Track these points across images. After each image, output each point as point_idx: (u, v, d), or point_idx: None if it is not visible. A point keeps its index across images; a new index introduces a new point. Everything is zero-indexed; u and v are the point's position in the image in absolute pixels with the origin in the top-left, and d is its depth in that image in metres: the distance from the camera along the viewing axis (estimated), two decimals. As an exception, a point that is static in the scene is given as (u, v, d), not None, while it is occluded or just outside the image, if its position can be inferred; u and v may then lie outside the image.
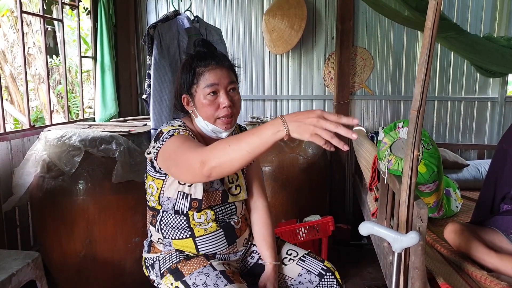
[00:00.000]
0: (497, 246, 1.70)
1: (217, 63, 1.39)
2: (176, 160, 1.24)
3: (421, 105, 1.22)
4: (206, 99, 1.37)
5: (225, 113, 1.37)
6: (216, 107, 1.38)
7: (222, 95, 1.38)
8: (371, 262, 3.05)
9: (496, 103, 3.51)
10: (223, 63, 1.41)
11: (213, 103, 1.37)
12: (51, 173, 2.25)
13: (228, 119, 1.39)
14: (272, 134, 1.02)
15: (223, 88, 1.38)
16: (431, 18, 1.15)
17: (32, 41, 5.84)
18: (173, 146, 1.28)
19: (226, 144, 1.08)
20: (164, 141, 1.31)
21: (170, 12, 2.66)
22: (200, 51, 1.42)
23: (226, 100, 1.37)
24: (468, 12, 3.43)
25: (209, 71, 1.37)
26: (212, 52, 1.42)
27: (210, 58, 1.39)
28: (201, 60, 1.39)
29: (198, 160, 1.12)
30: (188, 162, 1.17)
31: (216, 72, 1.38)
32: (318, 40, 3.64)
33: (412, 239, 1.16)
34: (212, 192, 1.44)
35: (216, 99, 1.38)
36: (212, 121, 1.39)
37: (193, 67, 1.39)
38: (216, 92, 1.38)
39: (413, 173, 1.28)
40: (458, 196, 2.40)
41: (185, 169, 1.19)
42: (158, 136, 1.36)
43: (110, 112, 3.55)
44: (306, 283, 1.50)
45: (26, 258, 1.79)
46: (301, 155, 3.06)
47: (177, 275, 1.37)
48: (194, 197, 1.41)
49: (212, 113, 1.38)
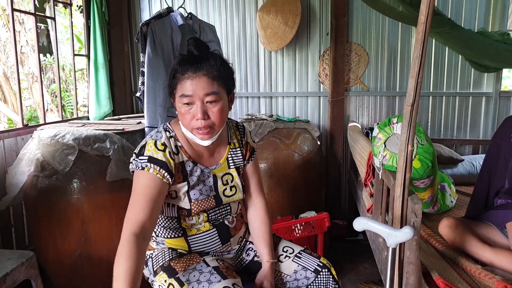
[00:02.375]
0: (492, 240, 1.71)
1: (195, 71, 1.29)
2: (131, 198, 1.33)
3: (415, 100, 1.22)
4: (182, 108, 1.33)
5: (198, 126, 1.32)
6: (191, 117, 1.32)
7: (196, 107, 1.31)
8: (366, 257, 3.06)
9: (491, 98, 3.52)
10: (203, 71, 1.30)
11: (188, 113, 1.32)
12: (45, 172, 2.23)
13: (204, 130, 1.32)
14: None
15: (199, 100, 1.30)
16: (424, 13, 1.15)
17: (25, 39, 5.79)
18: (136, 182, 1.33)
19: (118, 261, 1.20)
20: (137, 167, 1.33)
21: (163, 9, 2.64)
22: (183, 57, 1.35)
23: (199, 113, 1.30)
24: (462, 7, 3.44)
25: (185, 79, 1.30)
26: (196, 57, 1.33)
27: (189, 65, 1.30)
28: (181, 65, 1.32)
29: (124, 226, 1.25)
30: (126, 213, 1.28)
31: (192, 82, 1.29)
32: (312, 37, 3.64)
33: (406, 234, 1.16)
34: (202, 200, 1.41)
35: (191, 109, 1.32)
36: (190, 129, 1.35)
37: (173, 72, 1.34)
38: (192, 103, 1.31)
39: (408, 169, 1.28)
40: (453, 191, 2.41)
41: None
42: (139, 152, 1.34)
43: (104, 110, 3.53)
44: (302, 279, 1.49)
45: (21, 257, 1.78)
46: (296, 152, 3.06)
47: (170, 272, 1.36)
48: (181, 207, 1.40)
49: (188, 122, 1.33)
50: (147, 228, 1.25)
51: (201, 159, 1.45)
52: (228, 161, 1.51)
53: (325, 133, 3.72)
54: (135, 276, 1.17)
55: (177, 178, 1.38)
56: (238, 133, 1.57)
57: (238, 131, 1.58)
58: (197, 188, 1.40)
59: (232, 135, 1.55)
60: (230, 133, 1.55)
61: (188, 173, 1.40)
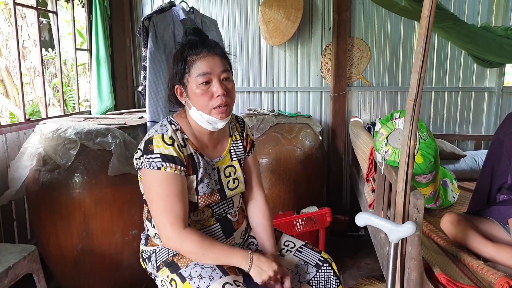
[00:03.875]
0: (494, 236, 1.71)
1: (209, 51, 1.34)
2: (151, 202, 1.34)
3: (418, 95, 1.21)
4: (199, 88, 1.33)
5: (219, 103, 1.33)
6: (209, 96, 1.33)
7: (215, 84, 1.33)
8: (368, 253, 3.07)
9: (493, 94, 3.51)
10: (215, 50, 1.35)
11: (207, 93, 1.33)
12: (46, 166, 2.23)
13: (223, 108, 1.34)
14: (237, 263, 1.31)
15: (216, 77, 1.33)
16: (427, 7, 1.14)
17: (27, 34, 5.78)
18: (154, 184, 1.32)
19: (201, 250, 1.29)
20: (150, 166, 1.31)
21: (165, 4, 2.64)
22: (191, 40, 1.37)
23: (220, 89, 1.32)
24: (465, 2, 3.42)
25: (201, 59, 1.33)
26: (204, 40, 1.37)
27: (202, 46, 1.34)
28: (192, 48, 1.34)
29: (165, 233, 1.30)
30: (158, 220, 1.32)
31: (208, 60, 1.33)
32: (314, 31, 3.62)
33: (408, 229, 1.16)
34: (208, 193, 1.41)
35: (209, 89, 1.33)
36: (207, 111, 1.35)
37: (184, 56, 1.35)
38: (209, 81, 1.33)
39: (410, 164, 1.28)
40: (455, 187, 2.40)
41: (155, 219, 1.34)
42: (147, 148, 1.32)
43: (106, 105, 3.54)
44: (303, 274, 1.50)
45: (23, 251, 1.78)
46: (298, 147, 3.05)
47: (173, 268, 1.37)
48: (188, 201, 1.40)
49: (206, 103, 1.33)
50: (186, 218, 1.34)
51: (206, 151, 1.45)
52: (231, 153, 1.52)
53: (327, 128, 3.72)
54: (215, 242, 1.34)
55: (188, 170, 1.37)
56: (238, 126, 1.58)
57: (238, 124, 1.59)
58: (205, 182, 1.40)
59: (233, 128, 1.56)
60: (231, 126, 1.55)
61: (197, 165, 1.40)
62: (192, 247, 1.29)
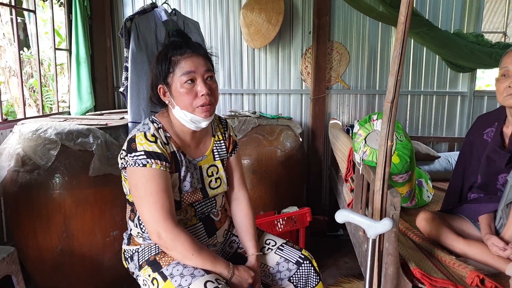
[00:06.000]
0: (465, 233, 1.78)
1: (193, 51, 1.37)
2: (139, 200, 1.34)
3: (395, 97, 1.27)
4: (183, 87, 1.35)
5: (203, 102, 1.36)
6: (194, 95, 1.36)
7: (199, 83, 1.36)
8: (347, 252, 3.14)
9: (466, 97, 3.64)
10: (199, 51, 1.39)
11: (191, 92, 1.36)
12: (25, 167, 2.20)
13: (207, 107, 1.37)
14: (219, 272, 1.35)
15: (200, 76, 1.36)
16: (404, 13, 1.20)
17: (1, 32, 5.64)
18: (142, 180, 1.32)
19: (191, 252, 1.31)
20: (135, 164, 1.32)
21: (147, 5, 2.64)
22: (175, 41, 1.40)
23: (204, 88, 1.35)
24: (439, 9, 3.54)
25: (185, 59, 1.36)
26: (187, 41, 1.41)
27: (186, 47, 1.37)
28: (176, 48, 1.37)
29: (156, 230, 1.31)
30: (149, 217, 1.32)
31: (192, 60, 1.36)
32: (295, 35, 3.68)
33: (386, 225, 1.21)
34: (191, 192, 1.44)
35: (194, 88, 1.36)
36: (191, 110, 1.37)
37: (168, 56, 1.37)
38: (193, 80, 1.36)
39: (387, 163, 1.33)
40: (429, 187, 2.48)
41: (144, 217, 1.35)
42: (130, 147, 1.34)
43: (86, 105, 3.49)
44: (284, 271, 1.53)
45: (2, 252, 1.76)
46: (279, 148, 3.10)
47: (155, 267, 1.38)
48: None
49: (190, 101, 1.36)
50: (174, 212, 1.36)
51: (188, 150, 1.47)
52: (214, 153, 1.54)
53: (307, 130, 3.78)
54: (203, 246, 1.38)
55: (171, 168, 1.39)
56: (221, 126, 1.61)
57: (221, 124, 1.62)
58: (187, 180, 1.42)
59: (216, 128, 1.58)
60: (214, 126, 1.57)
61: (180, 163, 1.41)
62: (183, 247, 1.31)
